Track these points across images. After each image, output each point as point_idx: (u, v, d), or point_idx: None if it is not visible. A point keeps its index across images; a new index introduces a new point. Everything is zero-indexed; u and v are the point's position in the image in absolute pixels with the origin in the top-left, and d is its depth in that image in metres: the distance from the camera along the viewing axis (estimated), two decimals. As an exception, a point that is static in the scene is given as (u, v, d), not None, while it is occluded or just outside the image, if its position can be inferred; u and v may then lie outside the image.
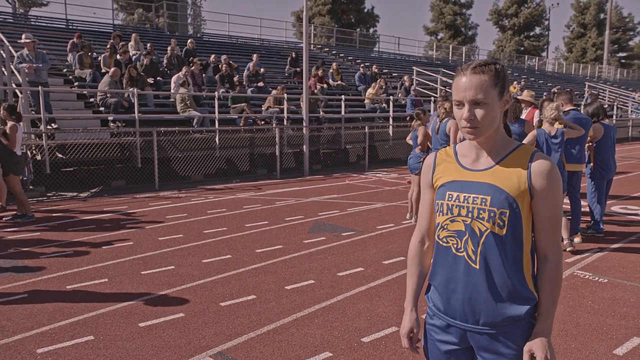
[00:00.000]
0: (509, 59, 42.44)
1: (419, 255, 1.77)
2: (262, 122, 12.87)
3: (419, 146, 6.90)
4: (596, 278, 4.76)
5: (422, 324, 1.71)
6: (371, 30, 46.15)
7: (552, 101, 5.98)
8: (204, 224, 6.87)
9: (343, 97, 14.67)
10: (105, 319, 3.81)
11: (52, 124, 9.78)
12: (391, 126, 15.17)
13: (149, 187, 9.82)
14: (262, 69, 15.64)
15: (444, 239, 1.62)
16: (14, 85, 9.71)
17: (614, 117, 23.29)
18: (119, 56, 12.79)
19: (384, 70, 21.83)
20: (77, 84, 12.06)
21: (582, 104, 18.10)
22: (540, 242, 1.58)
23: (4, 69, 9.75)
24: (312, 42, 28.93)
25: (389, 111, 15.66)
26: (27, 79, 9.57)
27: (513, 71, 32.60)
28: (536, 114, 7.50)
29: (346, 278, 4.76)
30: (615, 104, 24.83)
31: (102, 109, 10.96)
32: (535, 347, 1.51)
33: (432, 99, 17.22)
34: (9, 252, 5.51)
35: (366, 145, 13.44)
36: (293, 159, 12.56)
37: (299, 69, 17.35)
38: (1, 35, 11.00)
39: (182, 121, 11.74)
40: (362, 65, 19.06)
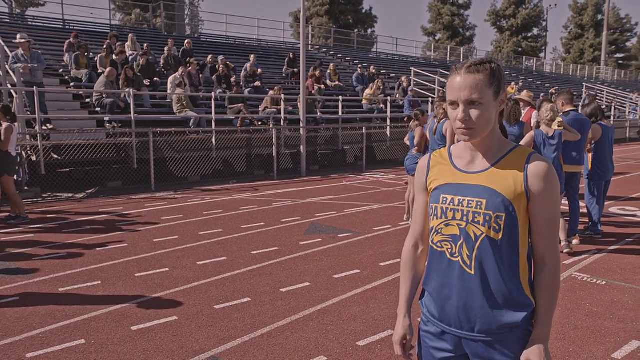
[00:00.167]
0: (506, 59, 42.46)
1: (413, 259, 1.72)
2: (259, 122, 12.82)
3: (416, 147, 6.86)
4: (594, 280, 4.72)
5: (416, 330, 1.66)
6: (369, 31, 46.12)
7: (550, 102, 5.94)
8: (199, 226, 6.82)
9: (341, 97, 14.65)
10: (98, 322, 3.75)
11: (47, 125, 9.72)
12: (389, 127, 15.13)
13: (145, 188, 9.77)
14: (259, 70, 15.60)
15: (438, 244, 1.57)
16: (9, 85, 9.65)
17: (612, 118, 23.31)
18: (115, 56, 12.74)
19: (381, 71, 21.79)
20: (73, 84, 12.01)
21: (580, 104, 18.06)
22: (538, 247, 1.53)
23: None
24: (310, 42, 28.93)
25: (386, 112, 15.62)
26: (22, 79, 9.51)
27: (511, 72, 32.61)
28: (534, 114, 7.46)
29: (342, 280, 4.71)
30: (613, 104, 24.84)
31: (98, 109, 10.91)
32: (532, 355, 1.46)
33: (430, 99, 17.20)
34: (2, 254, 5.45)
35: (364, 146, 13.39)
36: (290, 159, 12.51)
37: (296, 69, 17.29)
38: (-3, 36, 10.96)
39: (178, 122, 11.70)
40: (359, 66, 19.03)
